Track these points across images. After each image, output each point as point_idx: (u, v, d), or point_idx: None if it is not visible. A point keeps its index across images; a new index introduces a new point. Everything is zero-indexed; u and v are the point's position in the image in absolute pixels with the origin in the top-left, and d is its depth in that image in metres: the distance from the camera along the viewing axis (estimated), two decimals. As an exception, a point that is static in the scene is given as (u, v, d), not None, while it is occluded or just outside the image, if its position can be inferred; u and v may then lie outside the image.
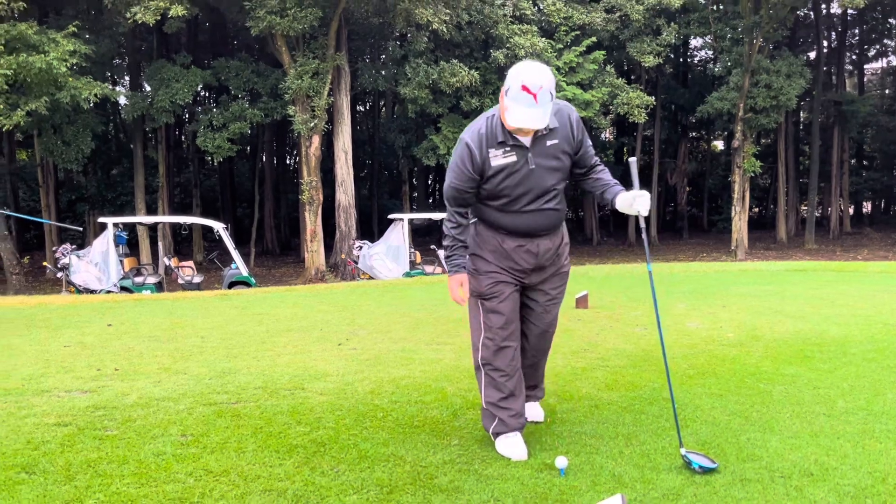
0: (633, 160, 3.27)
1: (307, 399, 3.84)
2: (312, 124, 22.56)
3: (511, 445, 2.99)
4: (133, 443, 3.16)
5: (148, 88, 25.40)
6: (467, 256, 3.16)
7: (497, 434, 3.06)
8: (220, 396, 3.91)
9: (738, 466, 2.82)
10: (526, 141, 2.99)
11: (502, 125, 2.97)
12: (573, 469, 2.81)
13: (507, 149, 2.98)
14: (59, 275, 15.98)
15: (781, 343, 5.12)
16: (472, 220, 3.22)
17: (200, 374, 4.48)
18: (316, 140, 23.17)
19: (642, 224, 3.37)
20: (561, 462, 2.78)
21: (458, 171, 3.03)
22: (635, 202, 3.11)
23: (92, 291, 14.88)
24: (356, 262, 19.09)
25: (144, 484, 2.70)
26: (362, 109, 42.05)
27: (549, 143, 3.02)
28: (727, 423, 3.35)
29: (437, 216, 22.54)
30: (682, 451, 2.86)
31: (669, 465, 2.83)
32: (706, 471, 2.76)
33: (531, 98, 2.79)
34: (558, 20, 25.43)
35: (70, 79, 18.44)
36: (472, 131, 3.05)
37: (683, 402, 3.67)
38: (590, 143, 3.23)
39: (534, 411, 3.44)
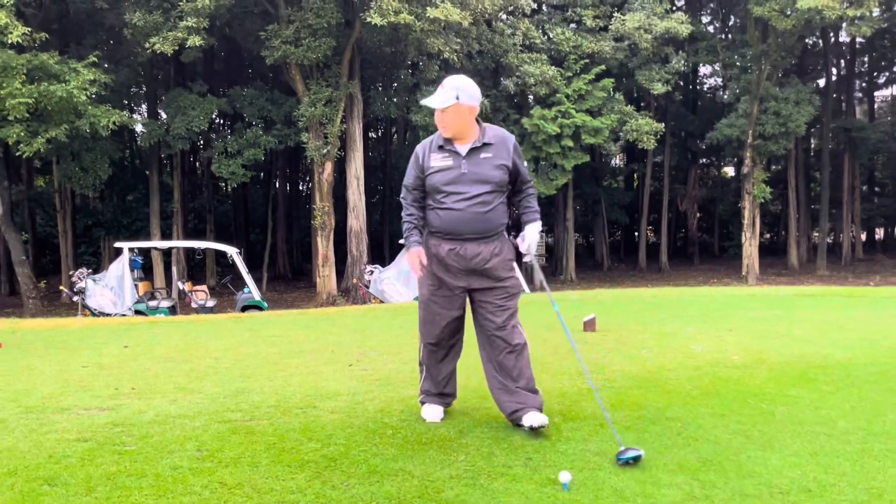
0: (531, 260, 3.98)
1: (319, 417, 3.94)
2: (325, 151, 22.89)
3: (428, 409, 3.87)
4: (150, 457, 3.27)
5: (164, 116, 25.86)
6: (422, 236, 3.77)
7: (423, 402, 3.94)
8: (235, 414, 4.02)
9: (739, 483, 2.90)
10: (461, 150, 3.67)
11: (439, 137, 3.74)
12: (576, 484, 2.89)
13: (445, 154, 3.68)
14: (75, 298, 16.22)
15: (786, 366, 5.19)
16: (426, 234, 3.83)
17: (215, 393, 4.60)
18: (329, 166, 23.48)
19: (532, 260, 3.93)
20: (564, 477, 2.87)
21: (409, 169, 3.82)
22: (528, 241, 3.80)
23: (107, 315, 15.08)
24: (367, 287, 19.24)
25: (162, 496, 2.81)
26: (374, 136, 42.49)
27: (482, 155, 3.67)
28: (728, 441, 3.42)
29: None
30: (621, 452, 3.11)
31: (670, 482, 2.91)
32: (636, 459, 3.05)
33: (441, 88, 3.63)
34: (567, 49, 25.76)
35: (89, 107, 18.86)
36: (422, 143, 3.84)
37: (686, 420, 3.75)
38: (525, 169, 3.83)
39: (535, 419, 3.54)
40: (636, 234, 40.28)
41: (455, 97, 3.56)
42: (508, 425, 3.71)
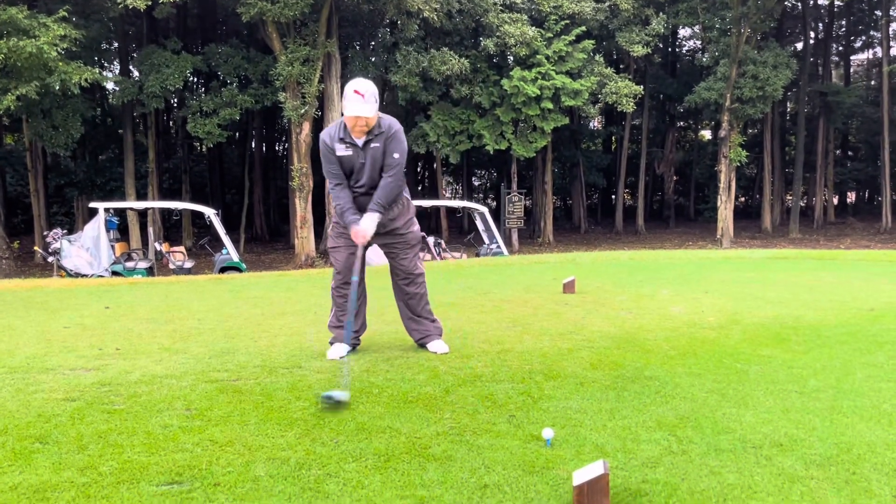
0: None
1: (305, 377, 4.01)
2: (303, 111, 22.62)
3: (334, 348, 4.50)
4: (140, 416, 3.32)
5: (137, 74, 25.32)
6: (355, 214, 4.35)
7: (332, 342, 4.57)
8: (221, 374, 4.07)
9: (714, 438, 3.01)
10: (359, 142, 4.26)
11: (345, 127, 4.28)
12: (559, 440, 2.99)
13: (346, 145, 4.29)
14: (50, 259, 16.05)
15: (760, 327, 5.33)
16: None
17: (200, 353, 4.63)
18: (306, 126, 23.23)
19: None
20: (547, 433, 2.96)
21: (324, 161, 4.39)
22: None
23: (83, 275, 14.95)
24: (346, 249, 19.19)
25: (154, 453, 2.86)
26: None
27: (373, 145, 4.28)
28: (704, 399, 3.54)
29: (426, 203, 22.74)
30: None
31: (649, 437, 3.02)
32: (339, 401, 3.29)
33: (360, 97, 4.11)
34: (548, 9, 25.54)
35: (60, 63, 18.41)
36: (325, 132, 4.39)
37: (664, 379, 3.87)
38: (396, 156, 4.32)
39: (437, 346, 4.59)
40: (613, 197, 40.52)
41: (375, 104, 4.16)
42: (491, 383, 3.81)
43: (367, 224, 4.28)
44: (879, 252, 13.93)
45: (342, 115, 4.28)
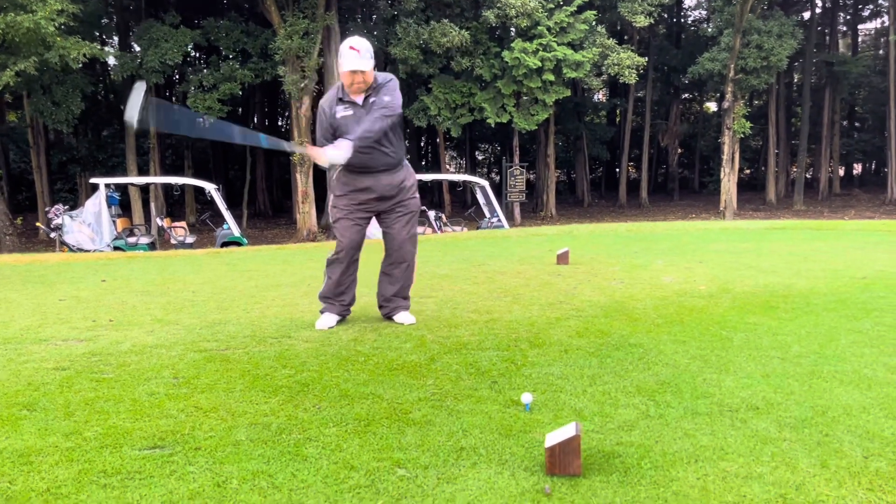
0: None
1: (293, 346, 4.05)
2: (303, 85, 22.52)
3: (323, 318, 4.52)
4: (128, 384, 3.37)
5: (137, 48, 25.21)
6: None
7: (322, 311, 4.58)
8: (211, 344, 4.11)
9: (692, 402, 3.04)
10: (359, 100, 4.26)
11: (342, 88, 4.29)
12: (538, 405, 3.03)
13: (346, 105, 4.28)
14: (53, 235, 16.13)
15: (750, 295, 5.35)
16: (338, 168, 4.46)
17: (192, 324, 4.68)
18: (307, 101, 23.14)
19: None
20: (526, 398, 3.00)
21: (319, 123, 4.38)
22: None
23: (85, 251, 15.03)
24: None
25: (139, 419, 2.91)
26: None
27: (372, 99, 4.25)
28: (687, 365, 3.57)
29: (427, 177, 22.70)
30: None
31: (627, 402, 3.05)
32: None
33: (356, 53, 4.14)
34: (550, -21, 25.21)
35: (58, 38, 18.35)
36: (324, 98, 4.41)
37: (648, 346, 3.90)
38: (387, 98, 4.26)
39: (405, 317, 4.60)
40: (617, 170, 40.35)
41: (371, 60, 4.18)
42: (477, 351, 3.85)
43: (338, 146, 4.15)
44: (879, 222, 13.87)
45: (339, 77, 4.32)
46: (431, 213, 19.57)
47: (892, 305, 4.88)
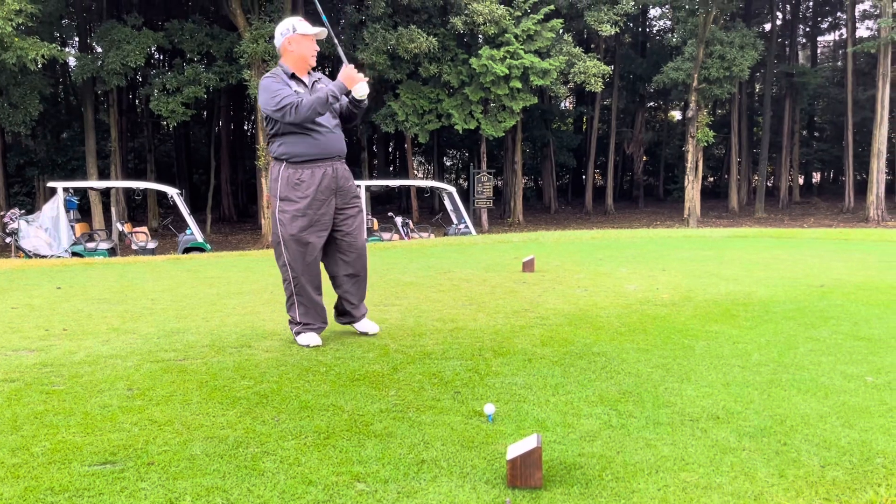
0: None
1: (253, 356, 3.97)
2: (269, 89, 22.27)
3: (306, 336, 4.16)
4: (80, 396, 3.26)
5: (98, 50, 24.75)
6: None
7: (298, 334, 4.21)
8: (168, 354, 4.02)
9: (654, 412, 3.05)
10: (307, 80, 4.16)
11: (288, 69, 4.11)
12: (500, 416, 3.00)
13: (297, 83, 4.10)
14: (8, 240, 15.70)
15: (711, 303, 5.40)
16: (279, 166, 4.12)
17: (149, 333, 4.57)
18: (272, 105, 22.90)
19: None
20: (489, 409, 2.97)
21: (277, 84, 3.99)
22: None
23: (42, 256, 14.67)
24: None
25: (90, 433, 2.82)
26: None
27: (318, 85, 4.15)
28: (649, 374, 3.58)
29: (395, 183, 22.65)
30: None
31: (590, 412, 3.04)
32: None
33: (309, 23, 4.12)
34: (517, -13, 25.37)
35: (16, 39, 17.91)
36: (270, 73, 4.11)
37: (611, 355, 3.90)
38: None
39: (369, 326, 4.44)
40: (584, 177, 40.70)
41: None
42: (440, 361, 3.81)
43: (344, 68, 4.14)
44: (836, 231, 14.19)
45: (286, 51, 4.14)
46: (399, 220, 19.51)
47: (848, 314, 4.97)
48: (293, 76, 4.11)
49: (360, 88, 4.14)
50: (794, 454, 2.60)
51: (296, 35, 4.08)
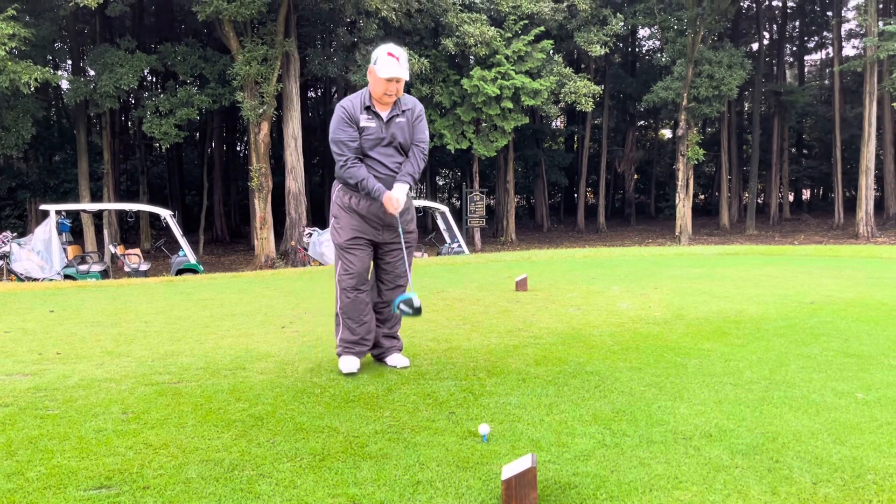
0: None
1: (248, 378, 3.98)
2: (261, 111, 22.40)
3: (346, 360, 4.02)
4: (74, 420, 3.26)
5: (91, 73, 24.83)
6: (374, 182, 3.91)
7: (341, 354, 4.08)
8: (162, 377, 4.02)
9: (647, 430, 3.07)
10: (383, 114, 3.95)
11: (370, 96, 3.95)
12: (495, 436, 3.02)
13: (370, 116, 3.94)
14: (0, 263, 15.64)
15: (703, 321, 5.44)
16: (338, 186, 4.08)
17: (143, 356, 4.57)
18: (265, 126, 23.01)
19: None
20: (483, 429, 2.99)
21: (340, 126, 3.93)
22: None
23: (34, 279, 14.61)
24: (306, 249, 19.11)
25: (85, 457, 2.82)
26: (314, 96, 41.74)
27: (398, 120, 3.98)
28: (642, 392, 3.61)
29: None
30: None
31: (584, 431, 3.06)
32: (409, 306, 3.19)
33: (395, 60, 3.84)
34: (507, 9, 25.67)
35: (9, 62, 17.96)
36: (346, 100, 4.01)
37: (605, 374, 3.93)
38: (423, 133, 4.09)
39: (398, 360, 4.21)
40: (575, 195, 40.88)
41: (408, 70, 3.92)
42: (435, 381, 3.83)
43: (400, 192, 3.89)
44: (825, 247, 14.29)
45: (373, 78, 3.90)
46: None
47: (838, 330, 5.01)
48: (368, 108, 3.93)
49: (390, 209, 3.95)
50: (787, 471, 2.62)
51: (373, 69, 3.87)
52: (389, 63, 3.81)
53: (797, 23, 40.39)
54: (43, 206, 16.62)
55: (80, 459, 2.80)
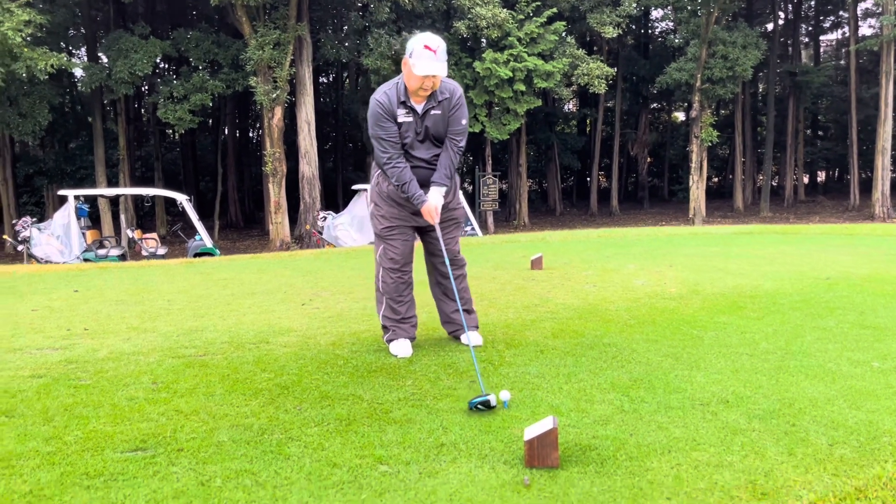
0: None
1: (271, 351, 4.07)
2: (274, 95, 22.46)
3: (397, 345, 3.94)
4: (106, 390, 3.37)
5: (105, 59, 24.96)
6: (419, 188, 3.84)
7: (388, 340, 4.02)
8: (188, 350, 4.12)
9: (665, 397, 3.13)
10: (418, 108, 3.79)
11: (405, 88, 3.75)
12: (516, 403, 3.09)
13: (407, 110, 3.78)
14: (20, 248, 15.86)
15: (718, 296, 5.48)
16: (377, 172, 4.00)
17: (168, 331, 4.67)
18: (278, 111, 23.08)
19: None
20: (504, 395, 3.06)
21: (378, 122, 3.77)
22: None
23: (54, 264, 14.81)
24: (321, 233, 19.23)
25: (119, 423, 2.92)
26: (326, 81, 41.73)
27: (433, 112, 3.80)
28: (659, 363, 3.66)
29: None
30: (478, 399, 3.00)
31: (602, 398, 3.13)
32: (484, 405, 2.96)
33: (432, 54, 3.60)
34: (520, -10, 25.48)
35: (25, 49, 18.10)
36: (380, 93, 3.80)
37: (621, 346, 3.99)
38: (464, 122, 3.90)
39: (473, 338, 4.07)
40: (588, 179, 40.75)
41: (446, 63, 3.67)
42: (454, 353, 3.90)
43: (437, 199, 3.82)
44: (841, 226, 14.23)
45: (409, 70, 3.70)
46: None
47: (854, 304, 5.04)
48: (403, 103, 3.76)
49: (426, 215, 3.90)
50: (803, 434, 2.68)
51: (408, 62, 3.66)
52: (425, 58, 3.59)
53: (813, 2, 39.85)
54: (62, 191, 16.80)
55: (114, 425, 2.90)
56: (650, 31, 42.38)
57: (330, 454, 2.58)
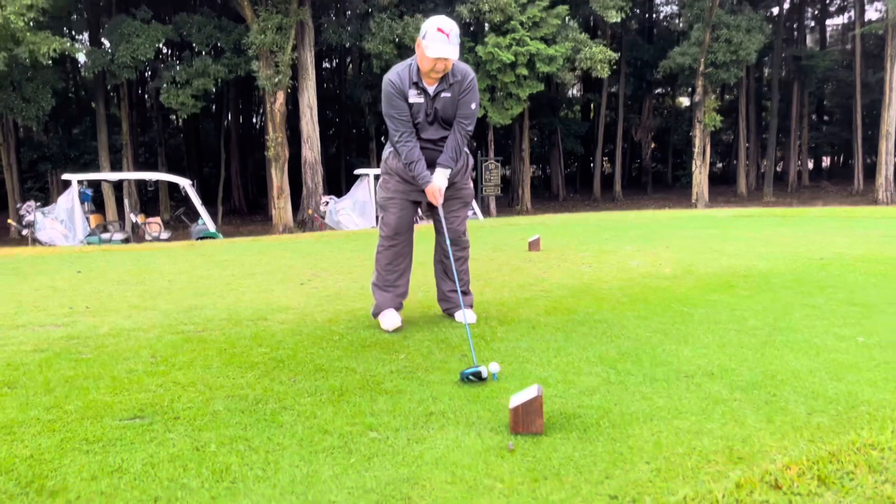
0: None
1: (269, 327, 4.15)
2: (277, 80, 22.47)
3: (387, 318, 4.02)
4: (106, 363, 3.45)
5: (108, 44, 24.96)
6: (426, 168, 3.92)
7: (377, 314, 4.10)
8: (187, 327, 4.20)
9: (651, 370, 3.20)
10: (430, 89, 3.83)
11: (418, 70, 3.80)
12: (505, 375, 3.16)
13: (419, 91, 3.82)
14: (25, 232, 15.98)
15: (712, 276, 5.54)
16: (391, 149, 4.05)
17: (168, 309, 4.76)
18: (281, 96, 23.09)
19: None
20: (494, 367, 3.13)
21: (391, 101, 3.84)
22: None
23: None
24: (323, 218, 19.30)
25: (118, 393, 3.00)
26: (328, 66, 41.64)
27: (444, 95, 3.85)
28: (648, 338, 3.73)
29: None
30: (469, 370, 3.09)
31: (590, 371, 3.20)
32: (476, 375, 3.05)
33: (445, 37, 3.64)
34: (522, -26, 25.37)
35: (28, 34, 18.13)
36: (393, 73, 3.86)
37: (612, 322, 4.05)
38: (473, 106, 3.94)
39: (466, 315, 4.09)
40: (591, 164, 40.70)
41: (458, 46, 3.70)
42: (448, 329, 3.98)
43: (441, 181, 3.91)
44: (841, 209, 14.24)
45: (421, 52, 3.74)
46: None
47: (845, 283, 5.10)
48: (415, 84, 3.82)
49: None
50: (783, 404, 2.75)
51: (421, 44, 3.71)
52: (438, 41, 3.63)
53: (819, -15, 39.59)
54: (65, 176, 16.89)
55: (113, 395, 2.98)
56: (654, 16, 42.15)
57: (322, 422, 2.66)
